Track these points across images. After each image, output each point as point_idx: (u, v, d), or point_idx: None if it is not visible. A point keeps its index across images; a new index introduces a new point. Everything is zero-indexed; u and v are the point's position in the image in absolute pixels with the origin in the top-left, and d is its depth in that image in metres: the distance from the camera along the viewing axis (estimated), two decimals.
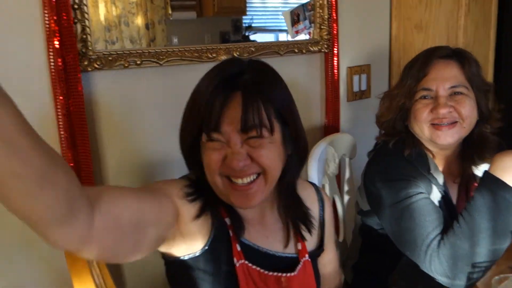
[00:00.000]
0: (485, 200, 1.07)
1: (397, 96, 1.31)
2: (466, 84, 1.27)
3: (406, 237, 1.20)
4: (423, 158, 1.30)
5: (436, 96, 1.26)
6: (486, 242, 1.06)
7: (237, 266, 0.91)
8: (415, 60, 1.32)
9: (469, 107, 1.26)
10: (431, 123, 1.26)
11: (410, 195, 1.21)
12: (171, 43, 1.58)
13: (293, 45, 1.87)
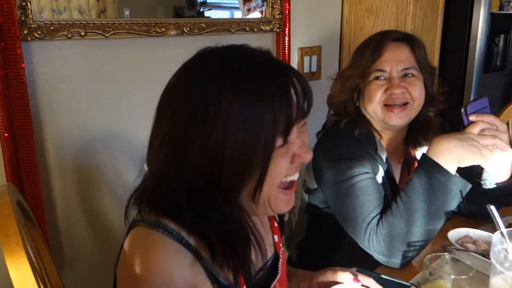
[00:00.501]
0: (422, 182, 1.12)
1: (351, 77, 1.33)
2: (416, 66, 1.32)
3: (349, 215, 1.23)
4: (371, 138, 1.34)
5: (390, 77, 1.30)
6: (421, 222, 1.11)
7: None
8: (368, 42, 1.34)
9: (419, 89, 1.31)
10: (384, 103, 1.30)
11: (356, 174, 1.24)
12: (122, 16, 1.52)
13: (244, 23, 1.85)
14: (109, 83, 1.52)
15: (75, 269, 1.54)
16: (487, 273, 0.95)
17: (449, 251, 1.14)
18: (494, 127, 1.16)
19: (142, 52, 1.57)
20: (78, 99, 1.46)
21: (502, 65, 2.89)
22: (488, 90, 2.79)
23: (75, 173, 1.49)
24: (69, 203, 1.50)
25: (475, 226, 1.27)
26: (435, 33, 2.53)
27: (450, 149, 1.10)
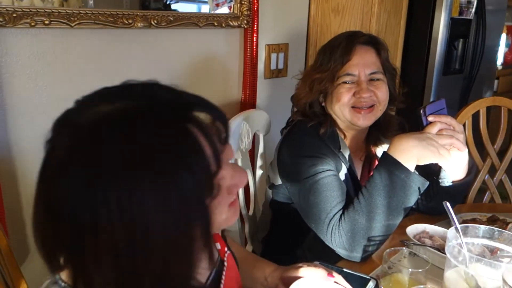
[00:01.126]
0: (382, 179, 1.15)
1: (320, 80, 1.35)
2: (381, 70, 1.36)
3: (312, 210, 1.26)
4: (335, 137, 1.37)
5: (358, 81, 1.33)
6: (381, 217, 1.15)
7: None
8: (337, 44, 1.36)
9: (385, 91, 1.35)
10: (351, 106, 1.33)
11: (319, 171, 1.27)
12: (86, 5, 1.49)
13: (212, 17, 1.85)
14: (73, 74, 1.48)
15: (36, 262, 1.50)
16: (442, 266, 0.99)
17: (407, 245, 1.18)
18: (451, 128, 1.21)
19: (108, 43, 1.55)
20: (40, 89, 1.42)
21: (460, 68, 2.99)
22: (447, 92, 2.88)
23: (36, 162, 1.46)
24: (29, 192, 1.46)
25: (432, 222, 1.31)
26: (398, 34, 2.59)
27: (409, 148, 1.14)
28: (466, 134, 1.84)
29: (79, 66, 1.49)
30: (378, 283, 1.02)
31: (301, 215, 1.31)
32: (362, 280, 1.03)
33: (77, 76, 1.49)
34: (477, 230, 1.01)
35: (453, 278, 0.93)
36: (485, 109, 1.87)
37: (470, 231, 1.01)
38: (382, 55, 1.37)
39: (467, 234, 1.00)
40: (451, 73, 2.91)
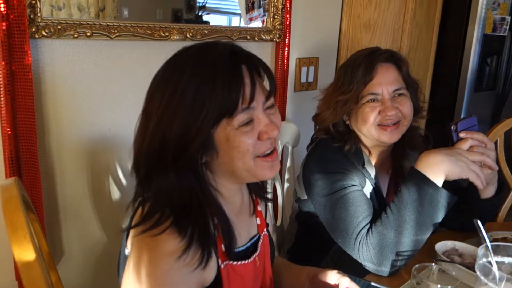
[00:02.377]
0: (411, 194, 1.16)
1: (344, 102, 1.36)
2: (403, 85, 1.37)
3: (339, 225, 1.27)
4: (359, 153, 1.38)
5: (382, 99, 1.34)
6: (409, 232, 1.15)
7: (222, 268, 0.88)
8: (357, 64, 1.36)
9: (409, 106, 1.36)
10: (378, 124, 1.34)
11: (344, 186, 1.28)
12: (121, 15, 1.56)
13: (246, 31, 1.89)
14: (111, 84, 1.54)
15: (70, 264, 1.56)
16: (471, 284, 0.99)
17: (436, 262, 1.18)
18: (482, 145, 1.20)
19: (145, 54, 1.60)
20: (80, 97, 1.48)
21: (493, 85, 2.96)
22: (478, 109, 2.85)
23: (75, 170, 1.51)
24: (68, 201, 1.52)
25: (461, 240, 1.31)
26: (430, 50, 2.59)
27: (438, 163, 1.14)
28: (498, 152, 1.82)
29: (116, 75, 1.55)
30: None
31: (326, 230, 1.32)
32: None
33: (113, 85, 1.55)
34: (508, 249, 1.00)
35: None
36: None
37: (501, 250, 1.00)
38: (403, 70, 1.38)
39: (498, 252, 1.00)
40: (483, 90, 2.88)
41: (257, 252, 0.99)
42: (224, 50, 0.83)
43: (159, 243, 0.79)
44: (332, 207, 1.28)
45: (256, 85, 0.83)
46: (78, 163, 1.52)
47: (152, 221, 0.80)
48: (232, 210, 0.95)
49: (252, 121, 0.85)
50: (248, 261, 0.95)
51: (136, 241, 0.82)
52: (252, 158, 0.86)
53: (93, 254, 1.61)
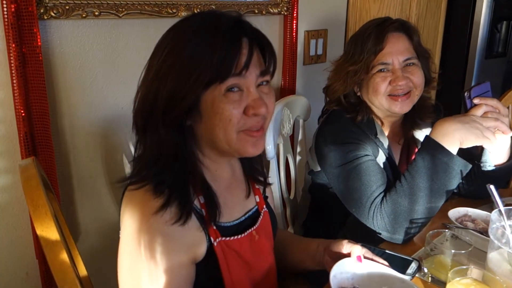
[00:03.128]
0: (425, 162, 1.16)
1: (354, 72, 1.36)
2: (414, 54, 1.36)
3: (353, 195, 1.28)
4: (371, 123, 1.39)
5: (393, 69, 1.34)
6: (423, 200, 1.16)
7: (215, 245, 0.89)
8: (367, 34, 1.36)
9: (420, 76, 1.36)
10: (388, 94, 1.34)
11: (357, 157, 1.29)
12: None
13: (253, 5, 1.88)
14: (121, 62, 1.55)
15: (86, 243, 1.59)
16: (484, 249, 1.00)
17: (450, 228, 1.19)
18: (496, 111, 1.20)
19: (154, 32, 1.60)
20: (91, 77, 1.49)
21: (503, 51, 2.92)
22: (489, 76, 2.82)
23: (88, 150, 1.53)
24: (82, 180, 1.55)
25: (474, 206, 1.32)
26: (439, 18, 2.55)
27: (452, 131, 1.15)
28: (510, 117, 1.81)
29: (126, 54, 1.55)
30: (420, 264, 1.04)
31: (340, 200, 1.34)
32: (405, 262, 1.05)
33: (124, 64, 1.55)
34: None
35: (496, 259, 0.94)
36: None
37: None
38: (414, 39, 1.37)
39: (511, 216, 1.01)
40: (493, 57, 2.85)
41: (254, 226, 1.00)
42: (229, 20, 0.85)
43: (138, 199, 0.84)
44: (346, 177, 1.29)
45: (253, 57, 0.84)
46: (92, 143, 1.54)
47: (137, 177, 0.86)
48: (221, 184, 0.96)
49: (242, 92, 0.85)
50: (242, 236, 0.96)
51: (123, 198, 0.87)
52: (235, 131, 0.86)
53: (110, 234, 1.64)
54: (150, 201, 0.82)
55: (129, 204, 0.85)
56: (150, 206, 0.82)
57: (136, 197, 0.84)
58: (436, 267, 1.02)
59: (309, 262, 1.12)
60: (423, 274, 1.03)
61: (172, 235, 0.83)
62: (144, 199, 0.83)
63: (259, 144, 0.91)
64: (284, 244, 1.18)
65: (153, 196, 0.83)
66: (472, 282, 0.88)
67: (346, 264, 0.96)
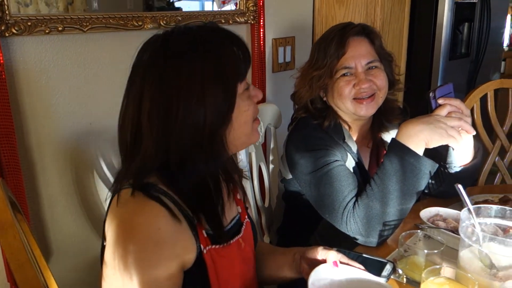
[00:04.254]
0: (393, 165, 1.18)
1: (319, 77, 1.38)
2: (377, 57, 1.39)
3: (325, 201, 1.29)
4: (339, 128, 1.40)
5: (356, 73, 1.36)
6: (394, 202, 1.18)
7: (205, 253, 0.89)
8: (330, 39, 1.38)
9: (383, 79, 1.38)
10: (353, 97, 1.36)
11: (327, 163, 1.30)
12: (91, 8, 1.53)
13: (219, 15, 1.88)
14: (88, 77, 1.53)
15: (60, 263, 1.56)
16: (456, 247, 1.02)
17: (422, 229, 1.21)
18: (460, 111, 1.23)
19: (120, 46, 1.58)
20: (57, 93, 1.46)
21: (466, 52, 3.00)
22: (453, 76, 2.90)
23: (58, 168, 1.50)
24: (52, 198, 1.51)
25: (445, 205, 1.34)
26: (403, 22, 2.60)
27: (417, 132, 1.17)
28: (475, 117, 1.86)
29: (94, 69, 1.53)
30: (395, 266, 1.06)
31: (313, 206, 1.34)
32: (380, 264, 1.06)
33: (90, 80, 1.53)
34: (489, 210, 1.04)
35: (467, 257, 0.96)
36: (492, 92, 1.89)
37: (482, 212, 1.04)
38: (376, 43, 1.40)
39: (479, 214, 1.03)
40: (457, 58, 2.92)
41: (240, 234, 1.01)
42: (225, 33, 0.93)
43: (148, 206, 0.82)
44: (317, 184, 1.30)
45: None
46: (61, 161, 1.51)
47: None
48: None
49: (249, 89, 0.94)
50: (231, 242, 0.96)
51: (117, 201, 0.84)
52: (251, 124, 0.94)
53: (83, 252, 1.61)
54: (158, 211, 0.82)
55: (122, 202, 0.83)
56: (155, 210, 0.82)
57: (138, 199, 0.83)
58: (410, 267, 1.04)
59: (287, 272, 1.12)
60: (398, 275, 1.05)
61: (164, 242, 0.82)
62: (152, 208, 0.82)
63: (259, 132, 1.03)
64: (262, 255, 1.18)
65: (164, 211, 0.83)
66: (445, 280, 0.90)
67: (322, 271, 0.96)
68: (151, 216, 0.81)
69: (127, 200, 0.83)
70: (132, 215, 0.82)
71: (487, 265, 0.93)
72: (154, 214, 0.81)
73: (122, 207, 0.83)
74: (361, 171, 1.40)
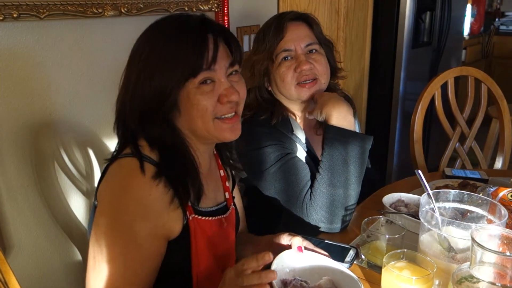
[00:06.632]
0: (334, 149, 1.23)
1: (259, 61, 1.38)
2: (316, 41, 1.40)
3: (282, 197, 1.30)
4: (286, 121, 1.40)
5: (296, 55, 1.36)
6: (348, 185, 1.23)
7: (190, 219, 0.97)
8: (268, 27, 1.39)
9: (324, 63, 1.39)
10: (296, 83, 1.36)
11: (279, 158, 1.31)
12: None
13: (183, 3, 1.85)
14: (47, 66, 1.47)
15: (21, 256, 1.51)
16: (417, 232, 1.04)
17: (384, 214, 1.24)
18: None
19: (80, 33, 1.54)
20: (14, 83, 1.41)
21: (429, 40, 3.06)
22: (416, 65, 2.95)
23: (16, 160, 1.45)
24: (12, 190, 1.47)
25: (407, 191, 1.37)
26: (367, 10, 2.63)
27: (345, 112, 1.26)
28: (436, 104, 1.90)
29: (52, 58, 1.48)
30: (358, 251, 1.08)
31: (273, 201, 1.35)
32: (343, 250, 1.08)
33: (49, 69, 1.48)
34: (448, 195, 1.07)
35: (427, 241, 0.99)
36: (453, 80, 1.93)
37: (441, 196, 1.06)
38: (315, 28, 1.41)
39: (439, 199, 1.06)
40: (420, 46, 2.98)
41: (225, 214, 1.08)
42: (195, 21, 0.96)
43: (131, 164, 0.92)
44: (272, 180, 1.31)
45: (219, 50, 0.95)
46: (21, 152, 1.46)
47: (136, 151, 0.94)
48: (201, 171, 1.03)
49: (214, 83, 0.96)
50: (213, 218, 1.03)
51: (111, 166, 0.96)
52: (211, 119, 0.96)
53: (45, 244, 1.57)
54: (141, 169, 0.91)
55: (118, 169, 0.94)
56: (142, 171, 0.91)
57: (128, 163, 0.93)
58: (372, 252, 1.06)
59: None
60: (361, 260, 1.07)
61: (152, 207, 0.91)
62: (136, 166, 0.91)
63: (235, 129, 1.01)
64: (239, 245, 1.21)
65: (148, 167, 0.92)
66: (406, 264, 0.92)
67: (286, 257, 0.97)
68: (143, 182, 0.90)
69: (125, 166, 0.94)
70: (128, 178, 0.91)
71: (446, 248, 0.95)
72: (147, 182, 0.90)
73: (121, 172, 0.94)
74: (313, 160, 1.40)
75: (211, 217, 1.03)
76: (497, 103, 1.95)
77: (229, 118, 0.99)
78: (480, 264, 0.81)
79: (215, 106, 0.96)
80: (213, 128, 0.97)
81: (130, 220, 0.89)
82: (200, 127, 0.97)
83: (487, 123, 2.63)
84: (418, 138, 1.87)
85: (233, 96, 0.96)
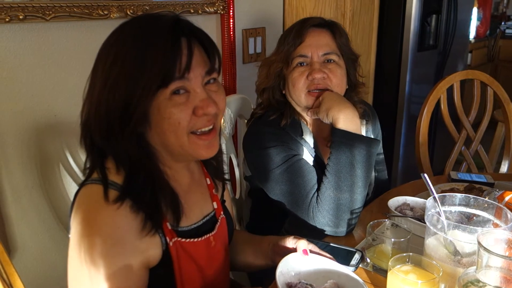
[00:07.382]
0: (341, 152, 1.21)
1: (275, 62, 1.36)
2: (337, 52, 1.35)
3: (288, 199, 1.28)
4: (296, 124, 1.38)
5: (311, 62, 1.33)
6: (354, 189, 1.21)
7: (171, 245, 0.89)
8: (290, 29, 1.37)
9: (340, 76, 1.34)
10: (307, 90, 1.33)
11: (285, 159, 1.29)
12: None
13: (188, 5, 1.85)
14: (52, 68, 1.48)
15: (26, 258, 1.52)
16: (423, 235, 1.03)
17: (389, 217, 1.23)
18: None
19: (85, 35, 1.54)
20: (19, 85, 1.42)
21: (434, 43, 3.04)
22: (422, 68, 2.94)
23: (22, 161, 1.46)
24: (17, 191, 1.47)
25: (412, 194, 1.37)
26: (373, 14, 2.62)
27: (352, 116, 1.24)
28: (442, 108, 1.89)
29: (58, 60, 1.49)
30: (363, 254, 1.07)
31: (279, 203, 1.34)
32: (349, 253, 1.08)
33: (54, 70, 1.49)
34: (454, 199, 1.06)
35: (433, 245, 0.98)
36: (458, 83, 1.92)
37: (447, 200, 1.05)
38: (338, 38, 1.36)
39: (444, 203, 1.05)
40: (425, 49, 2.96)
41: (213, 232, 1.00)
42: (166, 23, 0.83)
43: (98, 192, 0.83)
44: (278, 182, 1.29)
45: (194, 57, 0.83)
46: (25, 153, 1.46)
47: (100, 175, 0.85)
48: (179, 189, 0.94)
49: (188, 93, 0.85)
50: (199, 239, 0.95)
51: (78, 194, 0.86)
52: (186, 134, 0.85)
53: (49, 246, 1.57)
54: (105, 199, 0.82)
55: (84, 198, 0.85)
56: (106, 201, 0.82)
57: (93, 192, 0.84)
58: (378, 256, 1.05)
59: (262, 260, 1.13)
60: (366, 264, 1.06)
61: (124, 239, 0.82)
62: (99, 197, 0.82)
63: (212, 146, 0.90)
64: (239, 244, 1.19)
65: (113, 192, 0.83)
66: (411, 268, 0.91)
67: (292, 260, 0.97)
68: (109, 216, 0.81)
69: (89, 195, 0.84)
70: (93, 213, 0.82)
71: (452, 252, 0.94)
72: (112, 214, 0.81)
73: (84, 203, 0.84)
74: (320, 166, 1.37)
75: (196, 239, 0.94)
76: (503, 107, 1.94)
77: (206, 133, 0.88)
78: (486, 268, 0.80)
79: (190, 120, 0.84)
80: (188, 144, 0.86)
81: (101, 256, 0.80)
82: (173, 143, 0.86)
83: (493, 126, 2.62)
84: (423, 141, 1.86)
85: (210, 108, 0.85)
